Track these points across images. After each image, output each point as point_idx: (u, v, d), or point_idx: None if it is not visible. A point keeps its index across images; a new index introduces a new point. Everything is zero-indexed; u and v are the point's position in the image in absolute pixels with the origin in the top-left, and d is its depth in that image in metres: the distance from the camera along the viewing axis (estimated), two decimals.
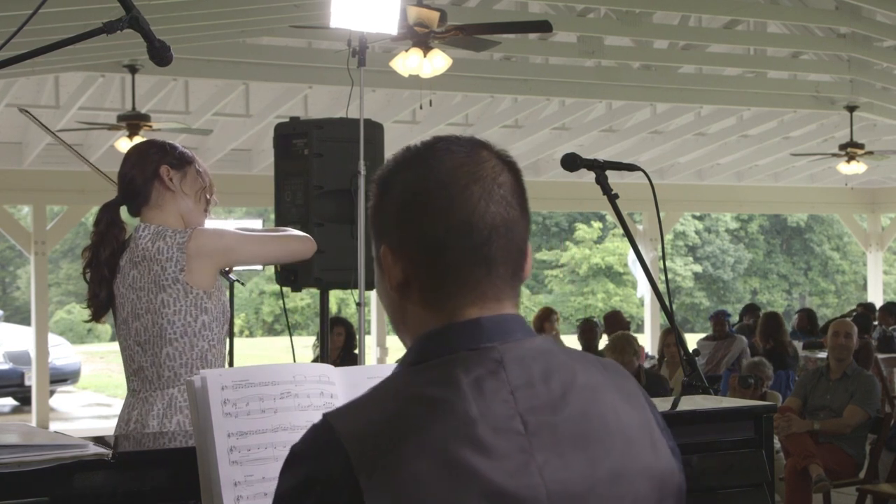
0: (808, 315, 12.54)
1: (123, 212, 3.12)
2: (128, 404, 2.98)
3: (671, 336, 8.14)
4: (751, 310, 13.24)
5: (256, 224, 3.26)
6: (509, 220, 1.31)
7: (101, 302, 3.03)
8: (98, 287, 3.01)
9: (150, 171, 3.06)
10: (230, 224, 3.21)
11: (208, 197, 3.13)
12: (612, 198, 2.86)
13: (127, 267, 2.98)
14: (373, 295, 13.51)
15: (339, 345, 7.95)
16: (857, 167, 11.80)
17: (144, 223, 3.02)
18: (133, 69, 9.13)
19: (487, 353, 1.26)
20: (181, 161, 3.09)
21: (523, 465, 1.21)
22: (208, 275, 2.95)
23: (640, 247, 3.10)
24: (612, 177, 2.99)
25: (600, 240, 31.43)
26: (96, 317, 3.06)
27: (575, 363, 1.31)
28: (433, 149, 1.34)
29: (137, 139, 9.39)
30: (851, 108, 11.59)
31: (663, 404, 2.69)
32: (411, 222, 1.31)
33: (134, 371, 2.98)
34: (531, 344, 1.30)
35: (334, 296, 11.82)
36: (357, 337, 5.81)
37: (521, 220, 1.34)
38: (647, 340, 14.92)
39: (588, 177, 2.90)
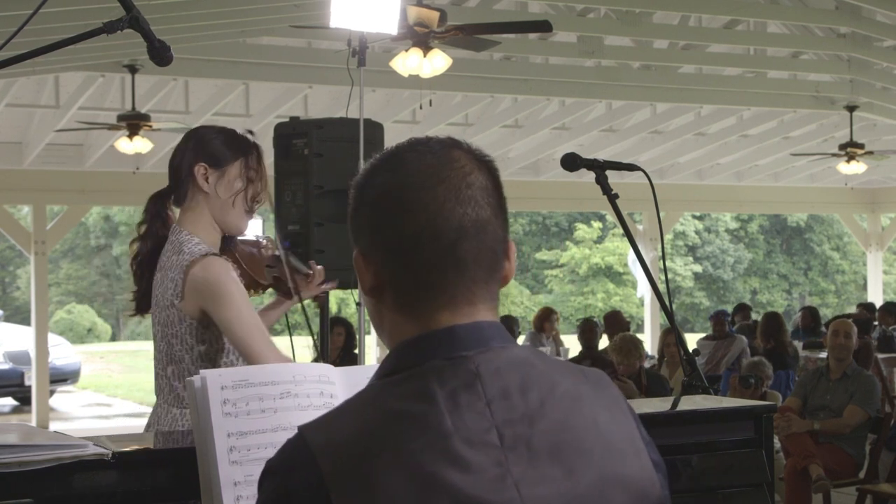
0: (811, 313, 12.54)
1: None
2: (153, 411, 2.88)
3: (671, 336, 8.14)
4: (742, 309, 13.26)
5: (256, 223, 3.21)
6: (479, 220, 1.28)
7: (140, 296, 2.85)
8: (139, 281, 2.84)
9: (187, 167, 2.79)
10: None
11: (249, 201, 2.81)
12: (612, 198, 2.86)
13: (159, 267, 2.79)
14: None
15: (338, 345, 7.95)
16: (856, 167, 11.80)
17: (177, 225, 2.80)
18: (133, 69, 9.13)
19: (463, 363, 1.23)
20: (221, 158, 2.78)
21: (499, 478, 1.18)
22: (197, 310, 2.69)
23: (640, 247, 3.10)
24: (612, 177, 2.99)
25: (600, 240, 31.44)
26: (137, 310, 2.89)
27: (554, 373, 1.28)
28: (403, 151, 1.32)
29: (137, 139, 9.39)
30: (851, 108, 11.59)
31: (663, 404, 2.69)
32: (379, 226, 1.29)
33: (155, 375, 2.88)
34: (509, 354, 1.27)
35: (334, 296, 11.80)
36: (357, 337, 5.81)
37: (494, 220, 1.30)
38: (647, 340, 14.92)
39: (588, 177, 2.89)
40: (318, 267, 3.20)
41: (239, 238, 2.95)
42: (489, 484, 1.18)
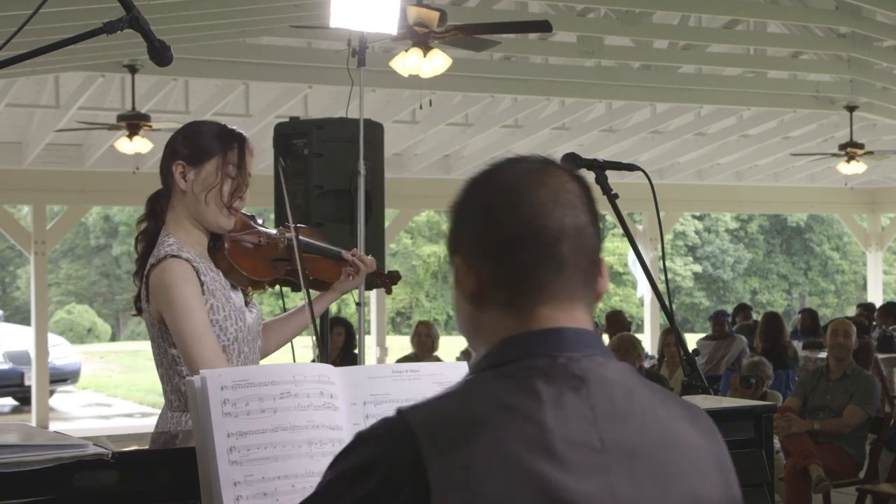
0: (811, 315, 12.54)
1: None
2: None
3: (671, 336, 8.14)
4: (742, 310, 13.25)
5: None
6: (578, 224, 1.34)
7: (136, 297, 2.76)
8: (137, 282, 2.77)
9: (167, 167, 2.72)
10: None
11: (226, 198, 2.70)
12: (612, 198, 2.86)
13: None
14: (373, 295, 13.54)
15: (338, 345, 7.95)
16: (856, 167, 11.80)
17: (164, 226, 2.73)
18: (133, 69, 9.13)
19: (569, 366, 1.28)
20: (199, 155, 2.68)
21: (596, 481, 1.22)
22: (157, 311, 2.64)
23: (639, 247, 3.10)
24: (612, 177, 2.99)
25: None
26: (138, 311, 2.78)
27: (654, 393, 1.33)
28: (500, 164, 1.39)
29: (137, 139, 9.39)
30: (851, 108, 11.59)
31: None
32: (482, 229, 1.34)
33: None
34: (613, 365, 1.32)
35: None
36: (357, 337, 5.81)
37: (591, 227, 1.36)
38: (647, 340, 14.92)
39: (588, 177, 2.89)
40: (362, 256, 3.06)
41: (234, 234, 2.82)
42: (585, 485, 1.21)
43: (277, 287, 3.09)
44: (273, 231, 2.96)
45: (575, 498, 1.20)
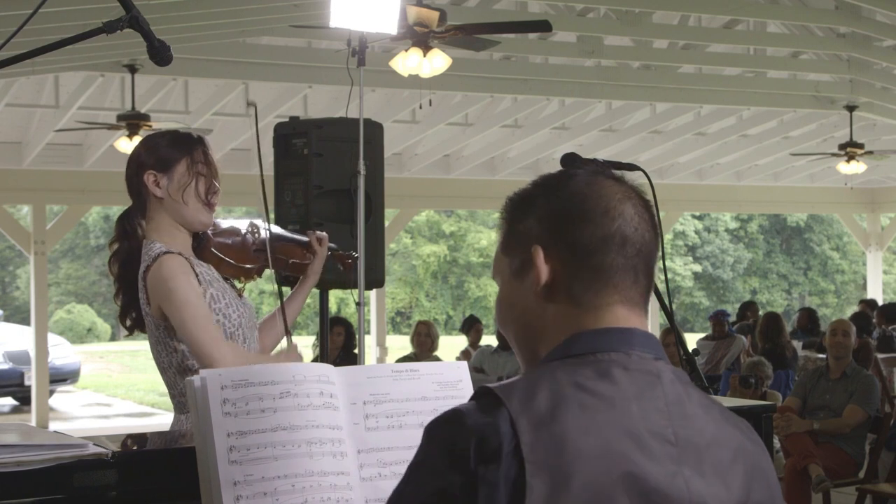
0: (808, 314, 12.53)
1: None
2: None
3: (671, 336, 8.13)
4: (749, 307, 13.24)
5: (238, 222, 3.16)
6: (649, 240, 1.42)
7: (124, 314, 2.86)
8: (116, 298, 2.87)
9: (137, 180, 2.80)
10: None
11: (203, 195, 2.80)
12: None
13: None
14: (372, 295, 13.54)
15: (338, 344, 7.95)
16: (856, 167, 11.80)
17: (145, 238, 2.81)
18: (133, 69, 9.13)
19: (643, 363, 1.34)
20: (167, 161, 2.78)
21: (672, 472, 1.28)
22: (159, 310, 2.70)
23: None
24: None
25: None
26: (128, 329, 2.88)
27: (709, 400, 1.40)
28: (580, 171, 1.44)
29: (137, 139, 9.39)
30: (851, 108, 11.59)
31: None
32: (568, 225, 1.39)
33: None
34: (675, 369, 1.38)
35: (334, 295, 11.82)
36: (357, 337, 5.81)
37: (655, 242, 1.44)
38: None
39: None
40: (317, 233, 3.16)
41: (213, 231, 2.92)
42: (665, 473, 1.27)
43: (276, 287, 3.15)
44: (237, 225, 3.07)
45: (657, 484, 1.25)
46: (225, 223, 3.02)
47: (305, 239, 3.16)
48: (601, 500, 1.22)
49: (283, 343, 3.03)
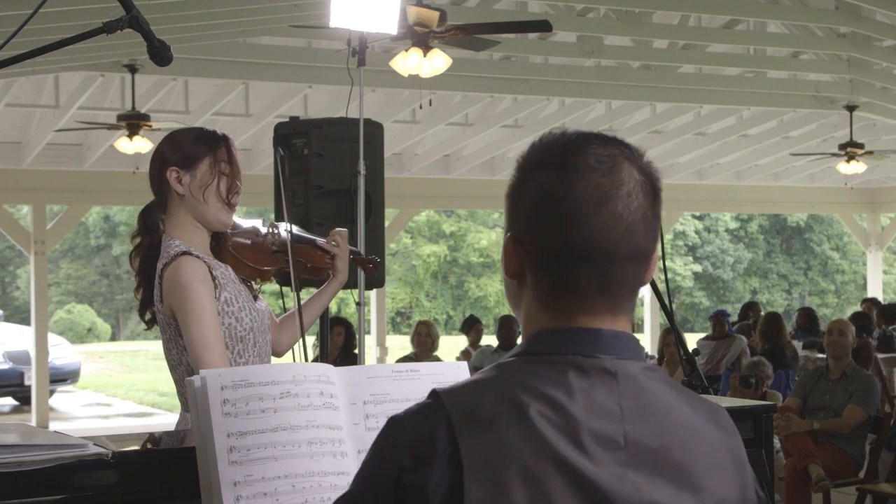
0: (807, 314, 12.53)
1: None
2: None
3: (671, 336, 8.14)
4: (752, 307, 13.23)
5: (256, 221, 3.14)
6: (632, 246, 1.32)
7: (143, 308, 2.83)
8: (136, 292, 2.84)
9: (160, 175, 2.79)
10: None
11: (224, 194, 2.77)
12: None
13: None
14: (372, 295, 13.54)
15: (338, 345, 7.95)
16: (856, 167, 11.80)
17: (165, 233, 2.79)
18: (133, 69, 9.13)
19: (602, 363, 1.30)
20: (191, 158, 2.76)
21: (618, 476, 1.25)
22: (171, 309, 2.69)
23: None
24: None
25: None
26: (147, 323, 2.86)
27: (681, 395, 1.34)
28: (578, 154, 1.33)
29: (137, 139, 9.39)
30: (851, 108, 11.59)
31: None
32: (537, 225, 1.33)
33: None
34: (645, 367, 1.34)
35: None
36: (357, 337, 5.81)
37: (646, 244, 1.35)
38: (647, 340, 14.92)
39: None
40: (337, 229, 3.10)
41: (233, 231, 2.89)
42: (608, 475, 1.24)
43: (277, 287, 3.13)
44: (259, 226, 3.03)
45: (601, 486, 1.23)
46: (247, 223, 2.99)
47: (320, 240, 3.10)
48: (538, 489, 1.21)
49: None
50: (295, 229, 3.08)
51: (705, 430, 1.33)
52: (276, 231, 3.00)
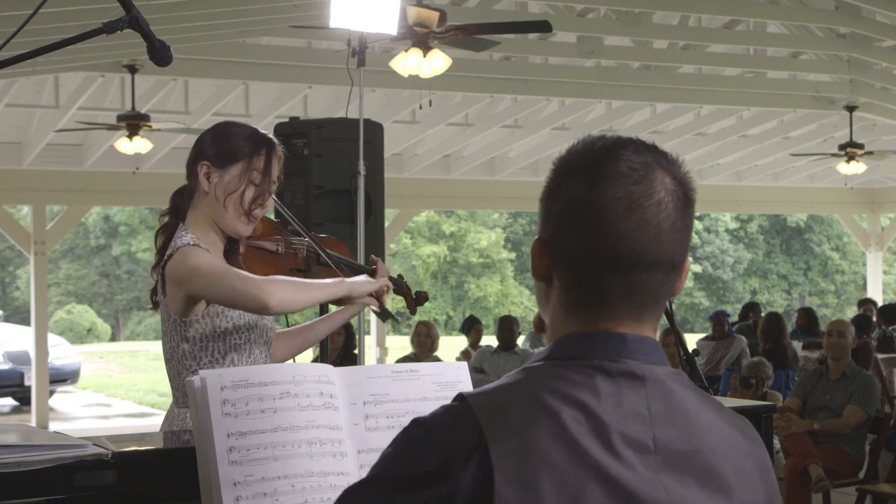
0: (807, 314, 12.53)
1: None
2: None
3: (670, 336, 8.12)
4: (752, 307, 13.23)
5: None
6: (660, 255, 1.31)
7: (156, 291, 2.72)
8: (154, 275, 2.72)
9: (192, 166, 2.68)
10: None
11: (247, 205, 2.65)
12: None
13: None
14: None
15: (338, 345, 7.94)
16: (856, 167, 11.80)
17: (182, 223, 2.70)
18: (133, 69, 9.13)
19: (629, 367, 1.30)
20: (225, 157, 2.65)
21: (650, 479, 1.25)
22: (178, 300, 2.61)
23: None
24: None
25: None
26: (154, 306, 2.75)
27: (707, 402, 1.35)
28: (612, 160, 1.32)
29: (137, 139, 9.39)
30: (851, 108, 11.59)
31: None
32: (566, 228, 1.33)
33: None
34: (671, 372, 1.34)
35: None
36: (357, 337, 5.81)
37: (675, 253, 1.33)
38: None
39: None
40: (375, 258, 2.91)
41: (255, 235, 2.77)
42: (640, 480, 1.24)
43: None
44: (297, 239, 2.88)
45: (633, 489, 1.23)
46: (280, 236, 2.82)
47: (360, 266, 2.92)
48: (571, 492, 1.21)
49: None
50: (332, 252, 2.90)
51: (732, 437, 1.34)
52: (303, 249, 2.86)
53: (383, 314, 2.85)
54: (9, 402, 15.09)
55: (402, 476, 1.25)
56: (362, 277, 2.75)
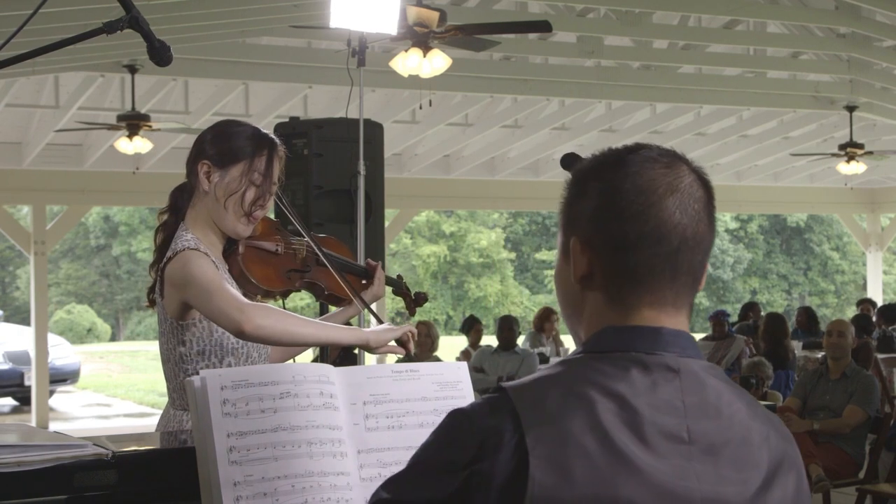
0: (807, 313, 12.53)
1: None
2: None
3: None
4: (752, 308, 13.23)
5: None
6: (698, 234, 1.37)
7: (153, 289, 2.68)
8: (153, 273, 2.68)
9: (192, 164, 2.65)
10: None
11: (246, 206, 2.62)
12: None
13: None
14: None
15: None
16: (856, 167, 11.80)
17: (182, 222, 2.66)
18: (133, 69, 9.13)
19: (665, 360, 1.34)
20: (226, 157, 2.61)
21: (681, 469, 1.28)
22: (175, 304, 2.57)
23: None
24: None
25: None
26: (151, 304, 2.71)
27: (741, 396, 1.38)
28: (636, 155, 1.38)
29: (137, 139, 9.39)
30: (851, 108, 11.59)
31: None
32: (606, 221, 1.36)
33: None
34: (705, 366, 1.38)
35: None
36: None
37: (709, 236, 1.39)
38: None
39: None
40: (372, 262, 2.92)
41: (254, 235, 2.74)
42: (672, 470, 1.28)
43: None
44: (297, 239, 2.85)
45: (663, 480, 1.26)
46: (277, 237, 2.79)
47: (360, 267, 2.92)
48: (604, 489, 1.24)
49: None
50: (331, 252, 2.87)
51: (764, 432, 1.36)
52: (301, 250, 2.82)
53: (408, 358, 2.83)
54: (9, 402, 15.09)
55: (443, 461, 1.29)
56: (383, 326, 2.69)
